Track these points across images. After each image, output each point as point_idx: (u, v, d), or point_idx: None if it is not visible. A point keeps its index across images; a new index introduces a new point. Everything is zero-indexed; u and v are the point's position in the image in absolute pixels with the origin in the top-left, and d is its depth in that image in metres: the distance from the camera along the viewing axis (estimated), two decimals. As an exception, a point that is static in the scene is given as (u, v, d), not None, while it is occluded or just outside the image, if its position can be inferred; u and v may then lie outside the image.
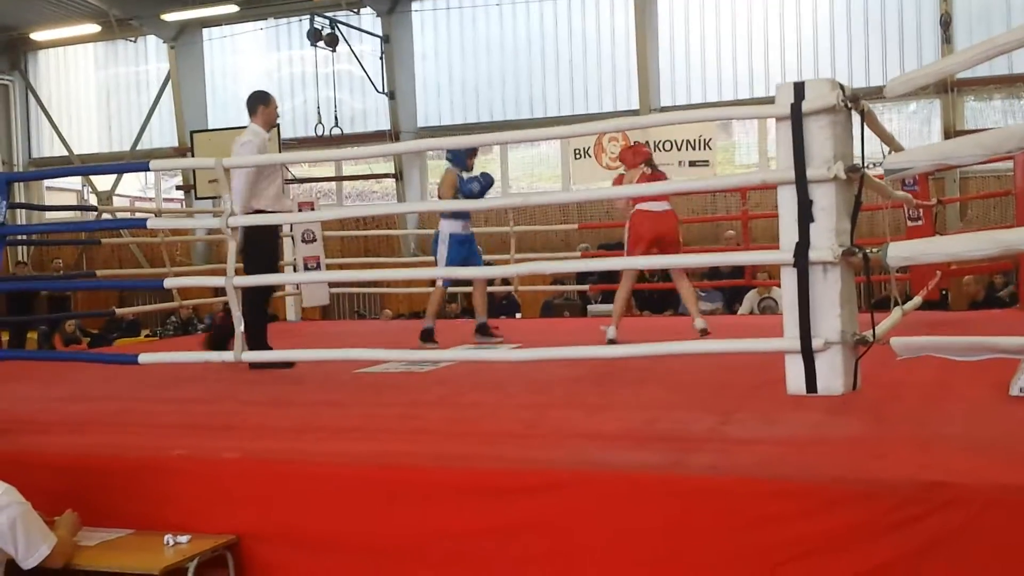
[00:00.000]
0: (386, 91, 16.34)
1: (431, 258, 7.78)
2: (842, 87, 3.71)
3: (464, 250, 7.57)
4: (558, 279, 12.78)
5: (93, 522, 3.69)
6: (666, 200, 6.86)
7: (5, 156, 18.89)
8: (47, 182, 18.80)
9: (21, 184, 18.13)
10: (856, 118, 3.85)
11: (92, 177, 18.17)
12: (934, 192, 9.37)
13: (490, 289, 12.44)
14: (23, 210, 17.67)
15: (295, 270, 9.87)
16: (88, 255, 17.45)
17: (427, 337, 7.41)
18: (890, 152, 4.61)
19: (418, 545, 3.44)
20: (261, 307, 6.61)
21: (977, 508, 2.83)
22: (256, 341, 6.08)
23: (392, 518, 3.48)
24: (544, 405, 4.80)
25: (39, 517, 3.46)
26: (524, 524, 3.32)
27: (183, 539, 3.51)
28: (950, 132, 13.46)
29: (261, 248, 6.40)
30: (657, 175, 6.45)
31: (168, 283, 5.47)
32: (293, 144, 15.99)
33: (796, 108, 3.57)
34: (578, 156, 13.96)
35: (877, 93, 4.07)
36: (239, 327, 4.74)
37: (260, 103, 6.78)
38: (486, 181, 7.45)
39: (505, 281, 11.26)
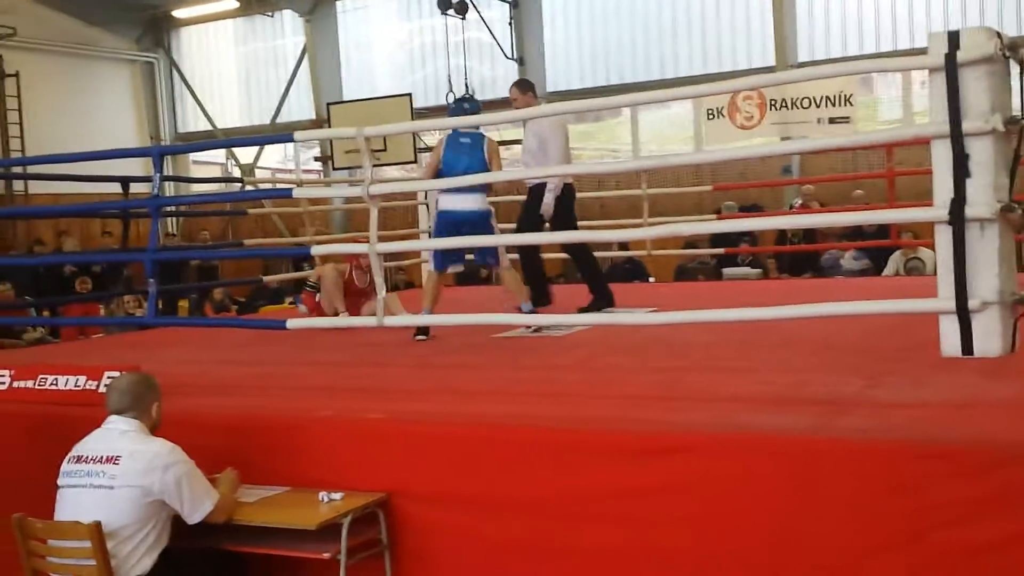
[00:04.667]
0: (515, 57, 16.34)
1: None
2: (1000, 35, 3.53)
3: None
4: (691, 243, 12.61)
5: (251, 480, 3.87)
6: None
7: (153, 131, 19.68)
8: (193, 156, 19.53)
9: (169, 158, 18.88)
10: (1015, 68, 3.66)
11: (235, 150, 18.79)
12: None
13: (608, 254, 12.31)
14: (172, 183, 18.42)
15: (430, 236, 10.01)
16: (233, 226, 18.09)
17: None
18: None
19: (560, 504, 3.48)
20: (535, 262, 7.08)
21: None
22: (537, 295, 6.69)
23: (534, 478, 3.53)
24: (682, 368, 4.76)
25: (202, 475, 3.64)
26: (665, 486, 3.33)
27: (337, 496, 3.64)
28: (1113, 80, 12.64)
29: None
30: None
31: (315, 250, 5.65)
32: (425, 113, 16.17)
33: (951, 58, 3.41)
34: (711, 117, 13.67)
35: (1035, 41, 3.84)
36: (381, 293, 4.85)
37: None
38: None
39: (623, 246, 11.11)
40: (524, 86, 7.19)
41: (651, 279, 12.43)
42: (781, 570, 3.17)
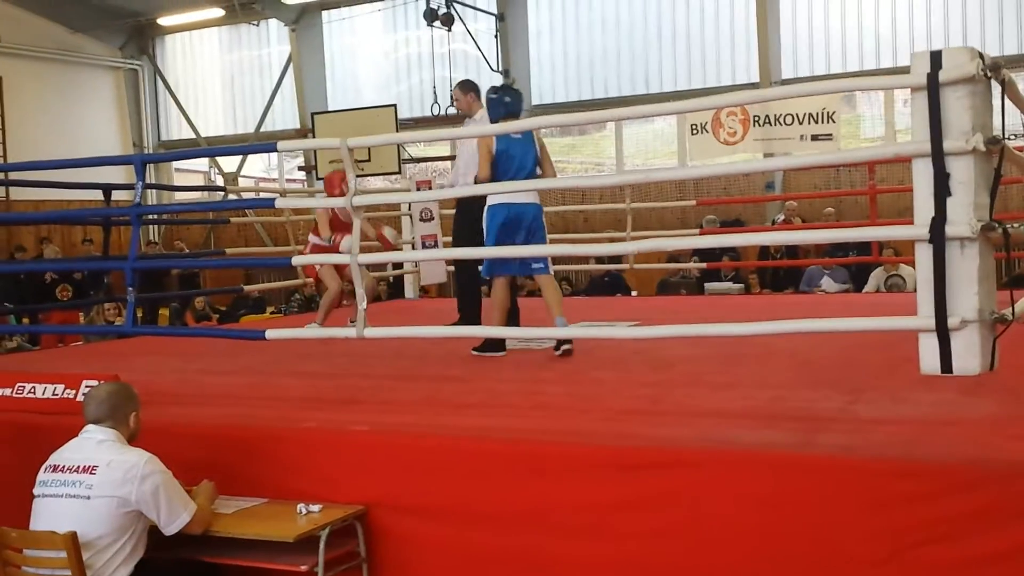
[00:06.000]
0: (501, 69, 16.38)
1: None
2: (981, 56, 3.56)
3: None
4: (673, 257, 12.65)
5: (229, 491, 3.84)
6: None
7: (136, 139, 19.60)
8: (175, 164, 19.45)
9: (151, 166, 18.80)
10: (996, 88, 3.69)
11: (218, 159, 18.73)
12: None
13: (587, 268, 12.25)
14: (154, 191, 18.32)
15: (413, 248, 10.01)
16: (215, 235, 18.03)
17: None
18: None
19: (542, 518, 3.47)
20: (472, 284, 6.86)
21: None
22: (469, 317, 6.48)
23: (516, 491, 3.52)
24: (667, 383, 4.77)
25: (180, 486, 3.61)
26: (648, 501, 3.32)
27: (315, 508, 3.62)
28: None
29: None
30: None
31: (296, 260, 5.62)
32: (410, 124, 16.20)
33: (933, 78, 3.44)
34: (695, 132, 13.75)
35: (1016, 61, 3.88)
36: (361, 304, 4.82)
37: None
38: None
39: (601, 259, 11.11)
40: (467, 87, 6.79)
41: (634, 293, 12.45)
42: (763, 586, 3.17)
